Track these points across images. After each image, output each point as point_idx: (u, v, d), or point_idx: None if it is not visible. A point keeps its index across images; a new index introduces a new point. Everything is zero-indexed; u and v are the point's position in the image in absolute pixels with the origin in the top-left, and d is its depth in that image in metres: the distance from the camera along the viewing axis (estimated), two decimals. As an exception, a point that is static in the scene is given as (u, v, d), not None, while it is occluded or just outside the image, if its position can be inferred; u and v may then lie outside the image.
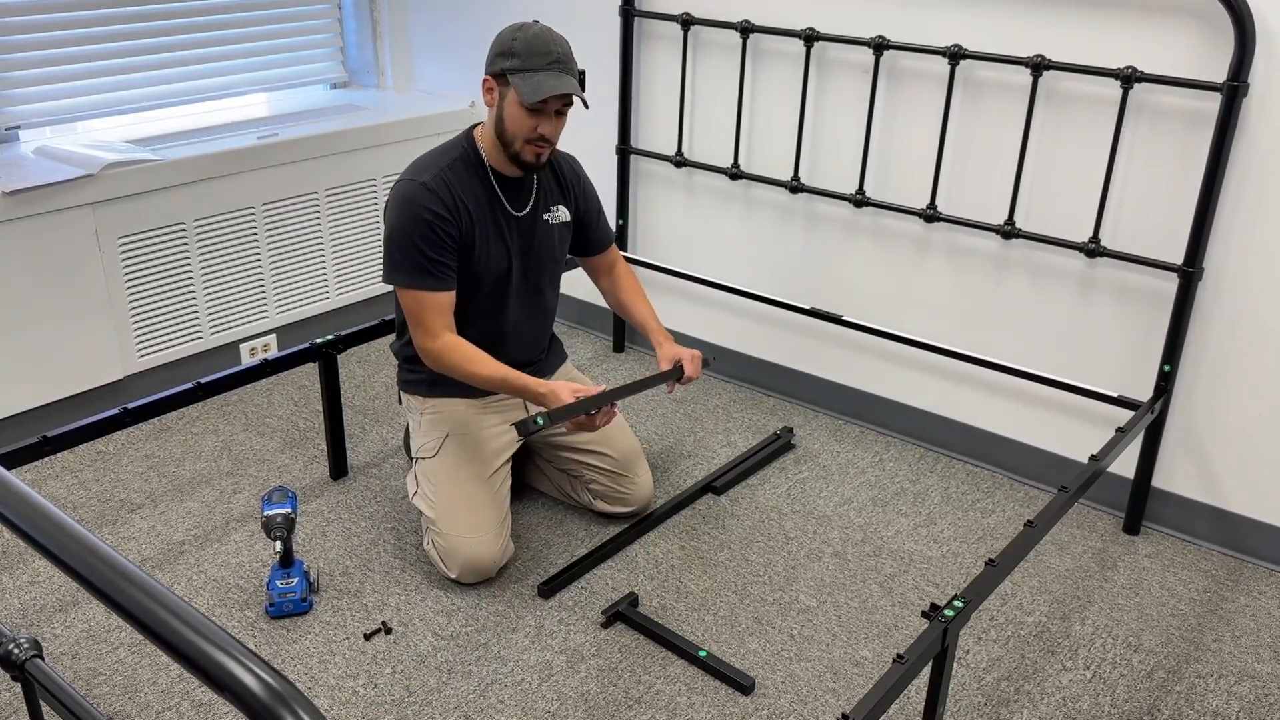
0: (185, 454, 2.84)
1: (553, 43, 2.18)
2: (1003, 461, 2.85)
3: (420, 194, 2.20)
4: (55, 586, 2.31)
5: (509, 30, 2.21)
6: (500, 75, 2.19)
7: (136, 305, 2.97)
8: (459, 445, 2.35)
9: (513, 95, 2.17)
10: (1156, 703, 2.08)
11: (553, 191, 2.43)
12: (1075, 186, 2.53)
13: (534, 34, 2.17)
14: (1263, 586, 2.44)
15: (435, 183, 2.21)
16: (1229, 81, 2.21)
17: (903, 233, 2.84)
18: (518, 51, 2.16)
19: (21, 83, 2.99)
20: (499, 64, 2.19)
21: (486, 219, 2.29)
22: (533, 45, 2.16)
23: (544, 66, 2.16)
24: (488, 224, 2.29)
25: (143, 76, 3.24)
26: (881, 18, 2.68)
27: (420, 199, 2.19)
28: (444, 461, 2.34)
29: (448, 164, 2.25)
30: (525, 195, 2.36)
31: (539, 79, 2.15)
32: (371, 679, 2.08)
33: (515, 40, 2.17)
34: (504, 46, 2.18)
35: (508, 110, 2.20)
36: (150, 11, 3.20)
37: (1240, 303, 2.39)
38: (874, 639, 2.23)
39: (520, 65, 2.16)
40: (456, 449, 2.35)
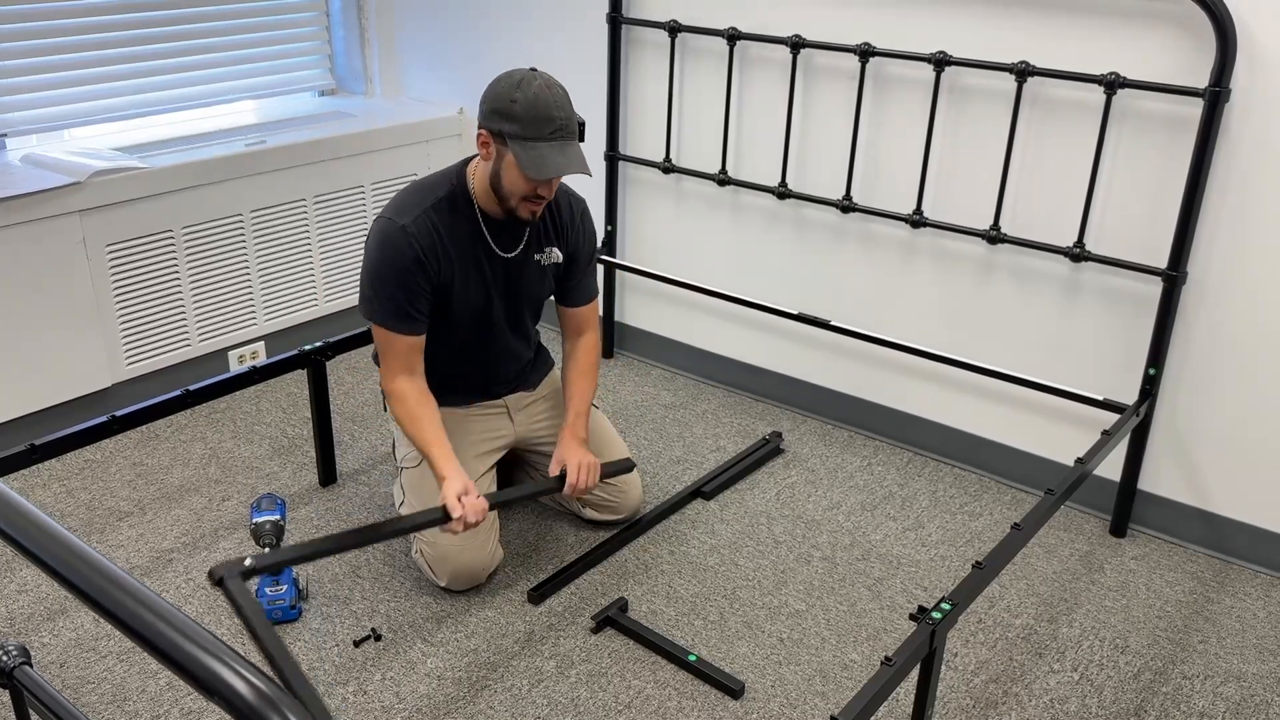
0: (174, 461, 2.83)
1: (554, 106, 2.03)
2: (990, 465, 2.87)
3: (399, 237, 2.13)
4: (44, 595, 2.31)
5: (506, 85, 2.05)
6: (497, 135, 2.07)
7: (124, 313, 2.97)
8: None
9: (511, 159, 2.06)
10: (1143, 704, 2.10)
11: (548, 232, 2.32)
12: (1060, 191, 2.54)
13: (534, 96, 2.02)
14: (1248, 588, 2.46)
15: (416, 225, 2.14)
16: (1211, 87, 2.23)
17: (889, 238, 2.86)
18: (518, 116, 2.02)
19: (8, 90, 2.99)
20: (496, 123, 2.05)
21: (468, 260, 2.22)
22: (534, 110, 2.01)
23: (547, 136, 2.03)
24: (469, 265, 2.22)
25: (130, 84, 3.24)
26: (867, 25, 2.70)
27: (399, 242, 2.13)
28: (427, 470, 2.33)
29: (433, 203, 2.17)
30: (516, 237, 2.28)
31: (542, 152, 2.04)
32: (361, 686, 2.08)
33: (515, 103, 2.02)
34: (502, 106, 2.04)
35: (506, 171, 2.10)
36: (138, 19, 3.19)
37: (1223, 306, 2.41)
38: (863, 642, 2.23)
39: (521, 133, 2.02)
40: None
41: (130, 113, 3.28)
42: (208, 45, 3.39)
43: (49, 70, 3.05)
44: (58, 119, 3.12)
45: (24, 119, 3.05)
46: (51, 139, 3.18)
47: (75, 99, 3.13)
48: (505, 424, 2.47)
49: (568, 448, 2.32)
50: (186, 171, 3.00)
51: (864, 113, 2.78)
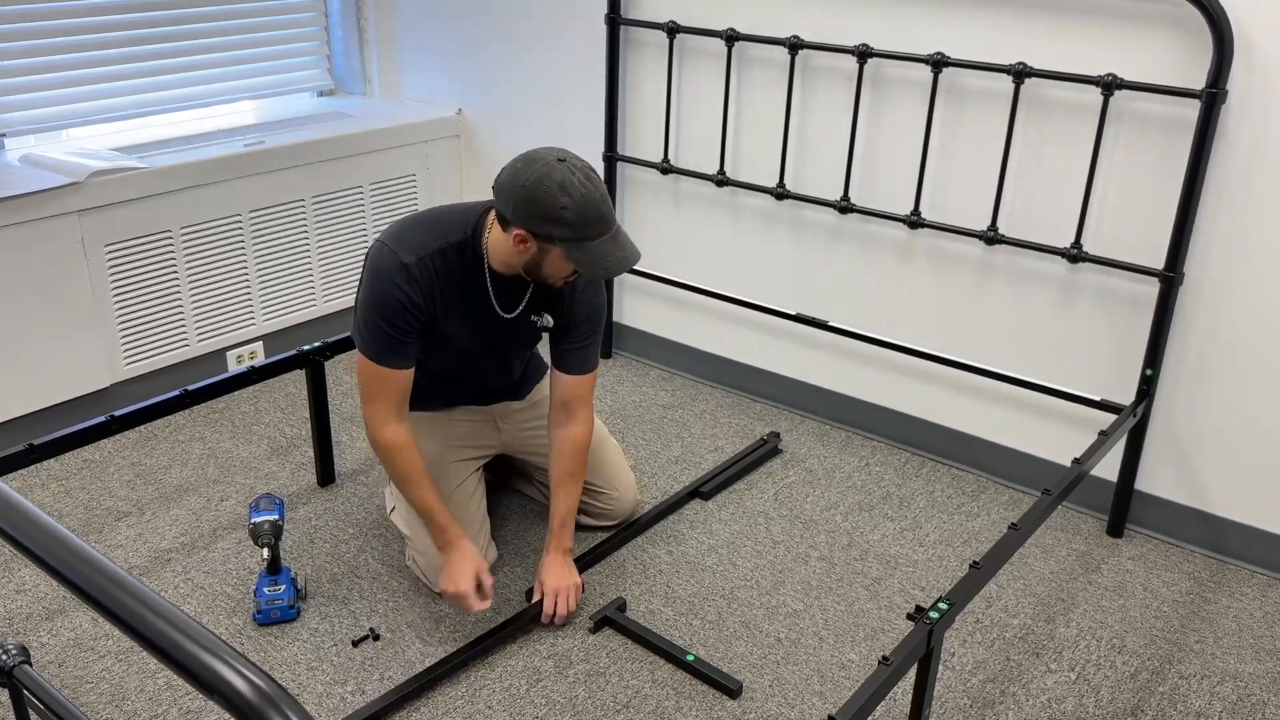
0: (172, 461, 2.84)
1: (601, 201, 1.95)
2: (987, 465, 2.87)
3: (398, 274, 2.04)
4: (42, 595, 2.31)
5: (550, 188, 1.91)
6: (544, 237, 1.95)
7: (123, 313, 2.97)
8: (434, 460, 2.31)
9: (558, 254, 1.98)
10: (1140, 703, 2.10)
11: (546, 299, 2.21)
12: (1057, 192, 2.55)
13: (582, 199, 1.92)
14: (1244, 588, 2.46)
15: (418, 267, 2.05)
16: (1208, 89, 2.24)
17: (887, 239, 2.86)
18: (570, 223, 1.92)
19: (7, 90, 2.99)
20: (545, 228, 1.93)
21: (465, 308, 2.15)
22: (585, 213, 1.92)
23: (598, 234, 1.95)
24: (465, 312, 2.16)
25: (129, 84, 3.24)
26: (865, 26, 2.71)
27: (396, 279, 2.04)
28: None
29: (439, 248, 2.08)
30: (517, 298, 2.20)
31: (601, 251, 1.96)
32: (359, 685, 2.08)
33: (565, 210, 1.91)
34: (550, 213, 1.92)
35: (550, 260, 2.00)
36: (137, 19, 3.20)
37: (1221, 307, 2.41)
38: (860, 642, 2.24)
39: (573, 236, 1.94)
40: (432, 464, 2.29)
41: (129, 113, 3.28)
42: (206, 45, 3.39)
43: (48, 70, 3.05)
44: (56, 119, 3.12)
45: (22, 119, 3.05)
46: (50, 139, 3.18)
47: (74, 99, 3.13)
48: (492, 432, 2.45)
49: (548, 569, 2.24)
50: (185, 172, 3.01)
51: (862, 114, 2.79)
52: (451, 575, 2.14)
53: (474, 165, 3.73)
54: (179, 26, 3.30)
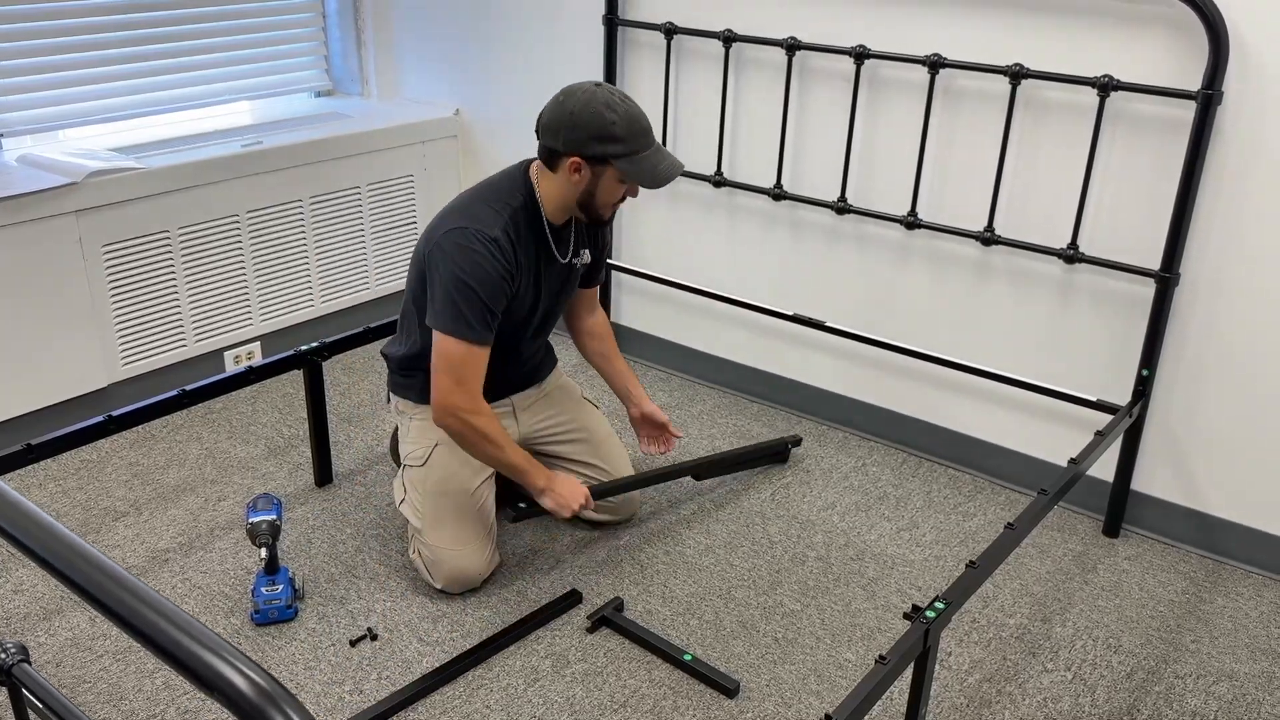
0: (170, 462, 2.84)
1: (641, 115, 2.13)
2: (984, 465, 2.88)
3: (489, 249, 2.13)
4: (39, 595, 2.31)
5: (595, 109, 2.08)
6: (598, 158, 2.11)
7: (121, 313, 2.97)
8: (448, 455, 2.34)
9: (613, 174, 2.13)
10: (1136, 703, 2.11)
11: (584, 236, 2.40)
12: (1054, 193, 2.56)
13: (627, 113, 2.10)
14: (1240, 588, 2.47)
15: (504, 239, 2.15)
16: (1203, 90, 2.25)
17: (884, 239, 2.87)
18: (621, 137, 2.08)
19: (4, 90, 2.99)
20: (597, 149, 2.09)
21: (535, 269, 2.27)
22: (633, 126, 2.10)
23: (646, 145, 2.13)
24: (535, 273, 2.28)
25: (127, 84, 3.24)
26: (862, 27, 2.71)
27: (489, 254, 2.13)
28: (432, 471, 2.34)
29: (510, 215, 2.18)
30: (566, 242, 2.34)
31: (652, 162, 2.13)
32: (357, 685, 2.09)
33: (615, 125, 2.07)
34: (603, 131, 2.08)
35: (604, 185, 2.15)
36: (134, 20, 3.20)
37: (1217, 307, 2.42)
38: (857, 641, 2.24)
39: (626, 150, 2.10)
40: (446, 459, 2.34)
41: (127, 113, 3.28)
42: (204, 46, 3.40)
43: (45, 70, 3.06)
44: (54, 119, 3.12)
45: (20, 119, 3.05)
46: (48, 139, 3.18)
47: (72, 99, 3.14)
48: (510, 423, 2.47)
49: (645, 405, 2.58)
50: (183, 172, 3.01)
51: (859, 115, 2.79)
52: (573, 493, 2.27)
53: (472, 166, 3.73)
54: (177, 27, 3.31)
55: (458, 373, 2.17)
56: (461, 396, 2.17)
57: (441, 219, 2.23)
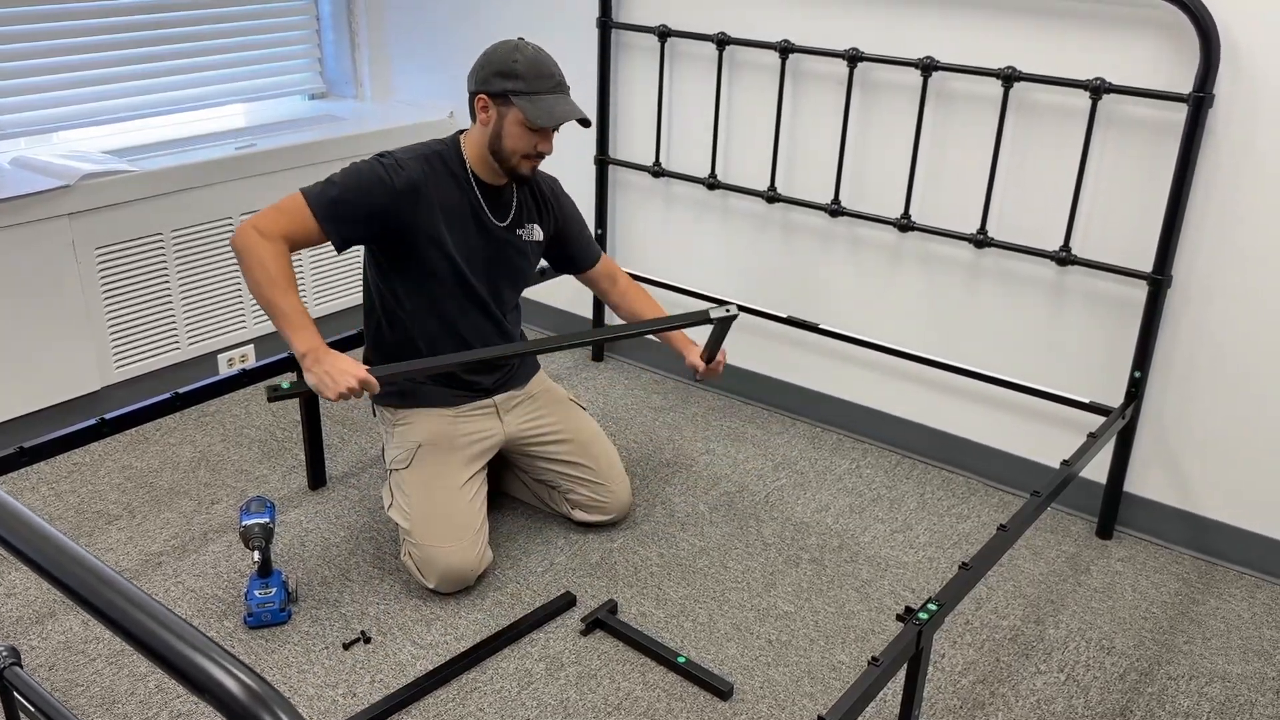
0: (163, 465, 2.83)
1: (552, 64, 2.22)
2: (977, 467, 2.88)
3: (384, 163, 2.21)
4: (32, 598, 2.30)
5: (503, 49, 2.21)
6: (500, 95, 2.20)
7: (114, 316, 2.97)
8: (431, 455, 2.35)
9: (515, 115, 2.20)
10: (1129, 704, 2.11)
11: (530, 209, 2.44)
12: (1046, 196, 2.56)
13: (533, 56, 2.20)
14: (1233, 589, 2.48)
15: (404, 162, 2.22)
16: (1194, 93, 2.25)
17: (878, 242, 2.87)
18: (521, 74, 2.18)
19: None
20: (498, 84, 2.19)
21: (455, 218, 2.29)
22: (535, 68, 2.19)
23: (550, 90, 2.20)
24: (456, 222, 2.29)
25: (120, 87, 3.24)
26: (855, 30, 2.72)
27: (378, 162, 2.21)
28: (417, 472, 2.34)
29: (426, 155, 2.26)
30: (505, 207, 2.37)
31: (549, 103, 2.20)
32: (350, 688, 2.08)
33: (516, 62, 2.18)
34: (504, 67, 2.19)
35: (507, 129, 2.22)
36: (127, 22, 3.20)
37: (1208, 309, 2.43)
38: (851, 643, 2.25)
39: (525, 88, 2.18)
40: (429, 459, 2.35)
41: (120, 116, 3.28)
42: (198, 49, 3.39)
43: (38, 73, 3.05)
44: (47, 122, 3.12)
45: (13, 122, 3.04)
46: (40, 142, 3.17)
47: (65, 102, 3.13)
48: (494, 424, 2.47)
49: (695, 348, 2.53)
50: (176, 175, 3.01)
51: (852, 117, 2.80)
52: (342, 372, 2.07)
53: (465, 168, 3.73)
54: (170, 30, 3.31)
55: (276, 209, 2.15)
56: (263, 219, 2.12)
57: None
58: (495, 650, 2.18)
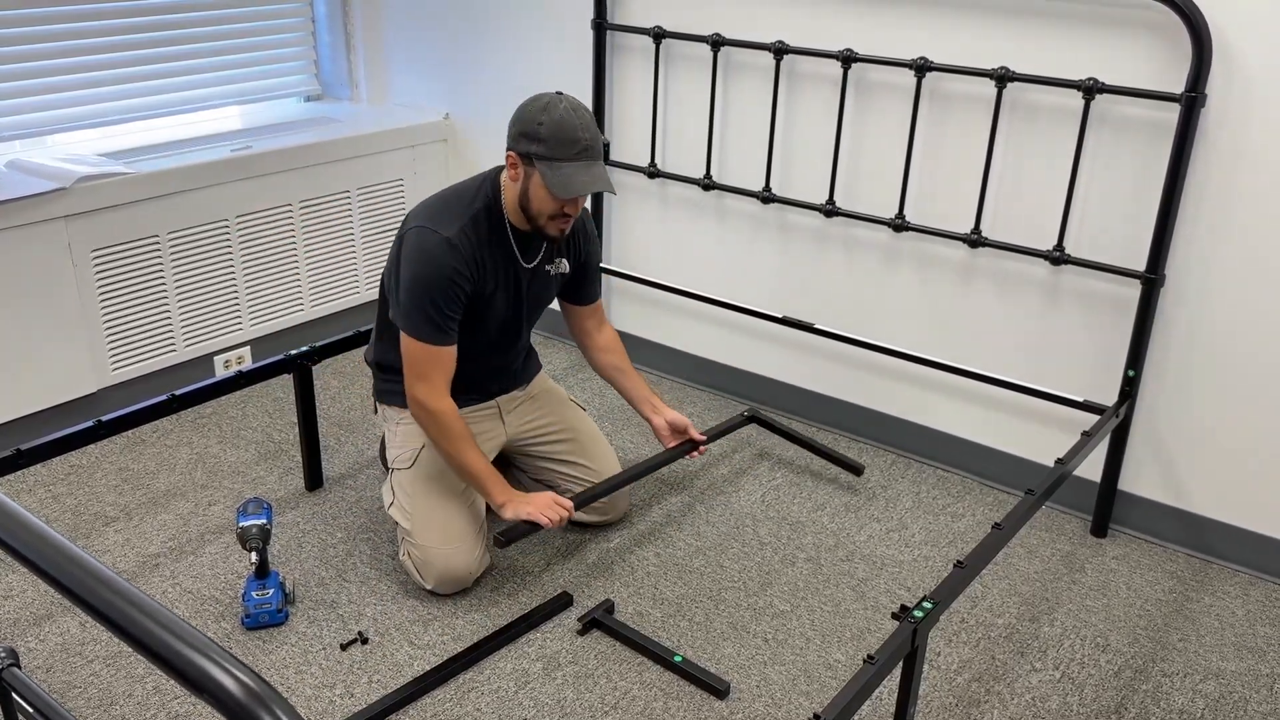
0: (160, 466, 2.83)
1: (580, 128, 2.11)
2: (972, 466, 2.89)
3: (443, 250, 2.16)
4: (29, 600, 2.30)
5: (533, 108, 2.13)
6: (525, 156, 2.14)
7: (110, 318, 2.97)
8: (435, 456, 2.36)
9: (538, 179, 2.13)
10: (1124, 701, 2.12)
11: (560, 244, 2.39)
12: (1040, 195, 2.57)
13: (559, 119, 2.10)
14: (1227, 586, 2.49)
15: (460, 239, 2.17)
16: (1187, 92, 2.26)
17: (872, 242, 2.88)
18: (544, 138, 2.10)
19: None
20: (523, 146, 2.13)
21: (501, 273, 2.28)
22: (560, 133, 2.09)
23: (573, 157, 2.11)
24: (500, 277, 2.28)
25: (116, 89, 3.24)
26: (849, 31, 2.73)
27: (443, 256, 2.15)
28: (420, 472, 2.35)
29: (471, 218, 2.21)
30: (536, 248, 2.34)
31: (568, 172, 2.11)
32: (348, 688, 2.09)
33: (541, 125, 2.10)
34: (529, 129, 2.12)
35: (533, 191, 2.16)
36: (123, 25, 3.20)
37: (1202, 308, 2.44)
38: (847, 642, 2.25)
39: (547, 153, 2.10)
40: (432, 460, 2.35)
41: (116, 118, 3.28)
42: (193, 51, 3.40)
43: (34, 76, 3.05)
44: (43, 124, 3.12)
45: (9, 125, 3.05)
46: (36, 145, 3.17)
47: (61, 104, 3.13)
48: (497, 425, 2.48)
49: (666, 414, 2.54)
50: (172, 177, 3.01)
51: (846, 118, 2.81)
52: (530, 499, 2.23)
53: (461, 169, 3.74)
54: (166, 32, 3.31)
55: (419, 369, 2.22)
56: (423, 389, 2.22)
57: (410, 216, 2.27)
58: (493, 650, 2.19)
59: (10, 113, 3.04)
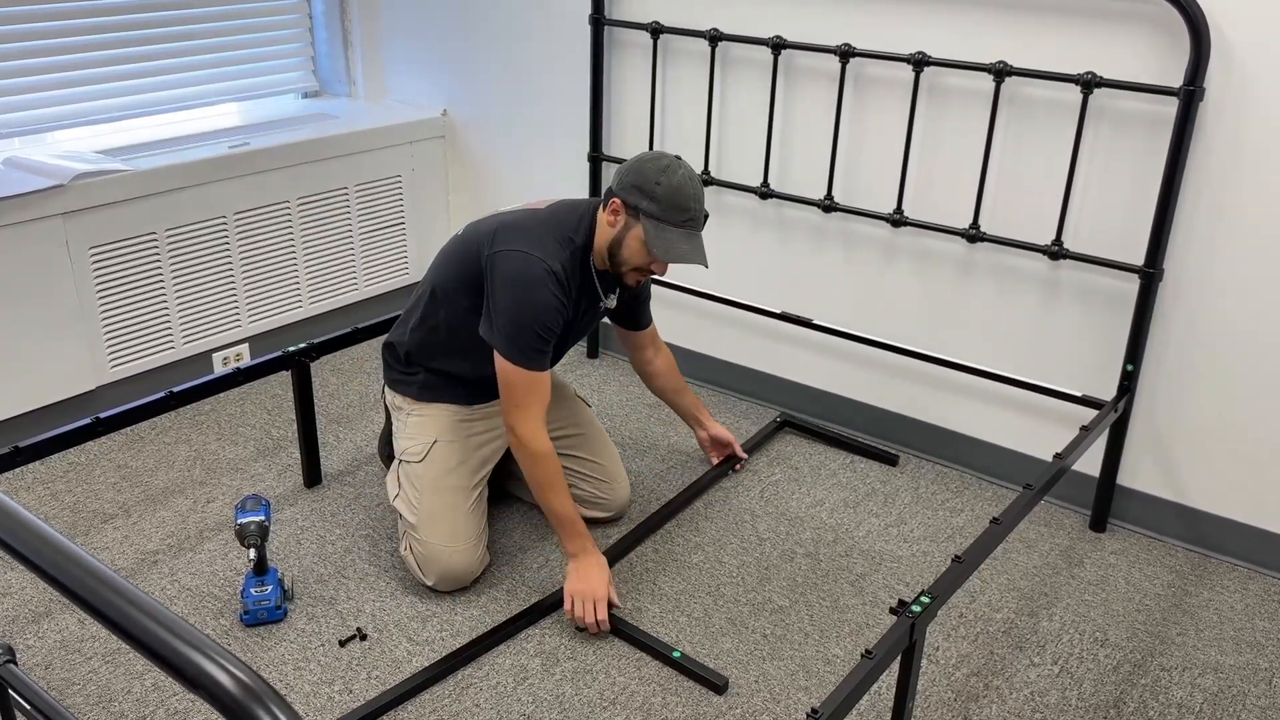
0: (158, 464, 2.83)
1: (693, 198, 2.17)
2: (971, 461, 2.89)
3: (549, 281, 2.17)
4: (28, 598, 2.31)
5: (654, 166, 2.17)
6: (633, 208, 2.17)
7: (108, 315, 2.97)
8: (446, 452, 2.35)
9: (639, 232, 2.17)
10: (1122, 696, 2.12)
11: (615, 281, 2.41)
12: (1038, 190, 2.57)
13: (677, 185, 2.15)
14: (1225, 581, 2.49)
15: (564, 273, 2.20)
16: (1185, 86, 2.26)
17: (870, 237, 2.88)
18: (659, 198, 2.14)
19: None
20: (635, 198, 2.16)
21: (580, 306, 2.32)
22: (674, 199, 2.14)
23: (680, 224, 2.16)
24: (578, 310, 2.32)
25: (113, 86, 3.24)
26: (847, 26, 2.72)
27: (549, 286, 2.17)
28: (430, 467, 2.34)
29: (570, 253, 2.23)
30: (607, 288, 2.38)
31: (672, 237, 2.16)
32: (347, 685, 2.09)
33: (659, 186, 2.14)
34: (645, 185, 2.15)
35: (629, 241, 2.20)
36: (120, 22, 3.19)
37: (1200, 302, 2.44)
38: (845, 637, 2.25)
39: (657, 213, 2.15)
40: (444, 455, 2.35)
41: (113, 115, 3.27)
42: (191, 48, 3.39)
43: (31, 73, 3.05)
44: (40, 122, 3.12)
45: (6, 122, 3.04)
46: (34, 142, 3.17)
47: (58, 101, 3.13)
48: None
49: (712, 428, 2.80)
50: (170, 174, 3.00)
51: (844, 113, 2.80)
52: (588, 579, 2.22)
53: (459, 166, 3.74)
54: (164, 29, 3.30)
55: (517, 397, 2.21)
56: (525, 425, 2.22)
57: (506, 230, 2.23)
58: (491, 646, 2.19)
59: (8, 110, 3.03)
